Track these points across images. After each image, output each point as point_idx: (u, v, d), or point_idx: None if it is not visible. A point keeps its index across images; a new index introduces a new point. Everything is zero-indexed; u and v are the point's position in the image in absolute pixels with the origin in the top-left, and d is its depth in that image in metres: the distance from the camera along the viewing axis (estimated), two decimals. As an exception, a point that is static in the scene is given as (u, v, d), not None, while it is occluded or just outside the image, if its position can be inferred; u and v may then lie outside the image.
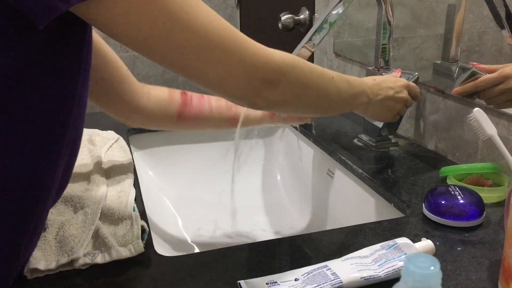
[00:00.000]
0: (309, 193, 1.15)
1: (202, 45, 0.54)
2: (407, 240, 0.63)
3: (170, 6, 0.50)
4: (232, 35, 0.56)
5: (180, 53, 0.53)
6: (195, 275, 0.65)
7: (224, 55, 0.56)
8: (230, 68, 0.57)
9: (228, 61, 0.56)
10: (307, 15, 1.54)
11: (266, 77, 0.60)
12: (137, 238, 0.70)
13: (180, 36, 0.52)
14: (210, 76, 0.57)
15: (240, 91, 0.60)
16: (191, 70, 0.56)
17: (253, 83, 0.59)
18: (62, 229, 0.70)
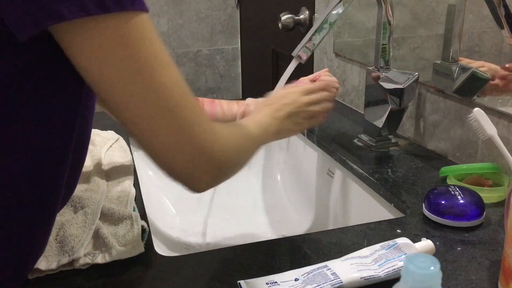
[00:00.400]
0: (309, 193, 1.15)
1: (158, 107, 0.50)
2: (407, 240, 0.63)
3: (140, 58, 0.49)
4: (191, 108, 0.53)
5: (134, 108, 0.50)
6: (195, 275, 0.65)
7: (177, 126, 0.52)
8: (178, 144, 0.53)
9: (179, 135, 0.52)
10: (307, 15, 1.54)
11: (210, 168, 0.56)
12: (137, 238, 0.70)
13: (139, 91, 0.49)
14: (156, 145, 0.53)
15: (183, 170, 0.55)
16: (139, 131, 0.52)
17: (195, 168, 0.55)
18: (63, 229, 0.70)
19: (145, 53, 0.49)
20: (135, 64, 0.49)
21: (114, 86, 0.49)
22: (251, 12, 2.09)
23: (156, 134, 0.52)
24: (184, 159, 0.54)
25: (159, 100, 0.51)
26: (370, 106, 1.06)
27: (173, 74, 0.52)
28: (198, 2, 2.13)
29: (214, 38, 2.20)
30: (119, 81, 0.49)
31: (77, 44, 0.47)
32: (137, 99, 0.50)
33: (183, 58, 2.17)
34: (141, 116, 0.51)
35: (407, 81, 0.98)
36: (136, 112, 0.51)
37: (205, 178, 0.57)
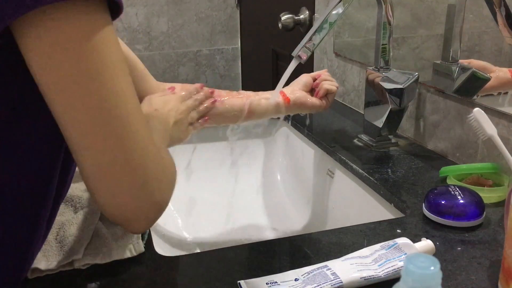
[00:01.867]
0: (309, 193, 1.15)
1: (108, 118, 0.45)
2: (407, 240, 0.63)
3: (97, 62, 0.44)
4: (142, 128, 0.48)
5: (81, 117, 0.45)
6: (195, 275, 0.65)
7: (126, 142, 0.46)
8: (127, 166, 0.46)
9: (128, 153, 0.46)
10: (307, 15, 1.54)
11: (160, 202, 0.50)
12: (137, 238, 0.70)
13: (89, 103, 0.44)
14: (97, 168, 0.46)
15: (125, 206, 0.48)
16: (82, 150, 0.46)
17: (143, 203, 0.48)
18: (63, 229, 0.70)
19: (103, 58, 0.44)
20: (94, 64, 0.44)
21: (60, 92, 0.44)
22: (251, 12, 2.09)
23: (101, 151, 0.46)
24: (128, 187, 0.47)
25: (111, 110, 0.45)
26: (370, 106, 1.06)
27: (130, 86, 0.47)
28: (198, 2, 2.13)
29: (214, 38, 2.20)
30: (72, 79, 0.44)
31: (30, 39, 0.43)
32: (86, 104, 0.45)
33: (183, 58, 2.17)
34: (88, 126, 0.45)
35: (407, 81, 0.98)
36: (83, 120, 0.45)
37: (150, 214, 0.51)
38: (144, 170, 0.47)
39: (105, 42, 0.45)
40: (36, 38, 0.43)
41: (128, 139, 0.46)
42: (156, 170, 0.49)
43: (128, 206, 0.48)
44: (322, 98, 0.97)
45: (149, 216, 0.50)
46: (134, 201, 0.48)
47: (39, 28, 0.42)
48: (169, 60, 2.15)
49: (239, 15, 2.19)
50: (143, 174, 0.47)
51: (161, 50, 2.13)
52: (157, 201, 0.50)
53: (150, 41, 2.10)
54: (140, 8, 2.05)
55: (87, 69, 0.44)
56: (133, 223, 0.50)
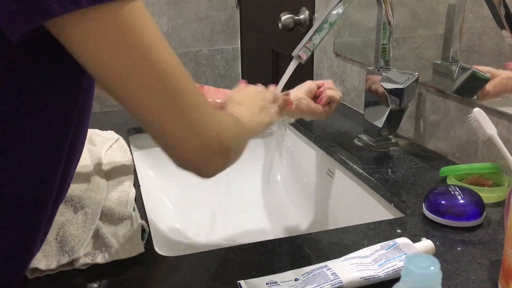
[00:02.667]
0: (309, 193, 1.15)
1: (167, 91, 0.51)
2: (407, 240, 0.63)
3: (145, 44, 0.48)
4: (195, 91, 0.54)
5: (143, 94, 0.50)
6: (195, 275, 0.65)
7: (186, 109, 0.53)
8: (189, 127, 0.53)
9: (189, 117, 0.53)
10: (307, 15, 1.54)
11: (221, 148, 0.57)
12: (137, 238, 0.70)
13: (147, 76, 0.49)
14: (166, 131, 0.53)
15: (193, 154, 0.55)
16: (149, 118, 0.52)
17: (207, 150, 0.55)
18: (63, 229, 0.70)
19: (147, 38, 0.49)
20: (140, 50, 0.48)
21: (120, 76, 0.49)
22: (251, 12, 2.09)
23: (165, 119, 0.52)
24: (195, 142, 0.54)
25: (167, 85, 0.51)
26: (370, 106, 1.06)
27: (175, 58, 0.52)
28: (198, 2, 2.13)
29: (214, 38, 2.20)
30: (125, 70, 0.48)
31: (75, 38, 0.47)
32: (145, 86, 0.50)
33: (183, 58, 2.17)
34: (150, 103, 0.51)
35: (407, 81, 0.98)
36: (146, 100, 0.50)
37: (216, 161, 0.57)
38: (202, 129, 0.54)
39: (146, 26, 0.49)
40: (84, 34, 0.46)
41: (184, 107, 0.52)
42: (213, 126, 0.56)
43: (195, 158, 0.55)
44: (325, 105, 0.97)
45: (216, 163, 0.57)
46: (198, 153, 0.55)
47: (85, 26, 0.46)
48: (169, 60, 2.15)
49: (239, 15, 2.19)
50: (202, 133, 0.54)
51: (161, 50, 2.13)
52: (218, 150, 0.56)
53: (150, 41, 2.10)
54: (140, 8, 2.05)
55: (138, 55, 0.48)
56: (202, 170, 0.57)
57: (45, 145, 0.53)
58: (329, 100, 0.97)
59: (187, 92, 0.52)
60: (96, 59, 0.48)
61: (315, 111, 0.97)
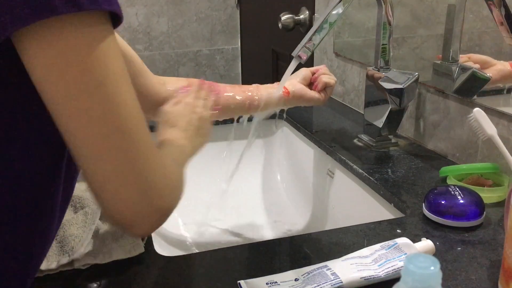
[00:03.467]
0: (309, 193, 1.15)
1: (114, 126, 0.45)
2: (407, 240, 0.63)
3: (102, 71, 0.44)
4: (147, 138, 0.48)
5: (86, 124, 0.45)
6: (195, 275, 0.65)
7: (132, 152, 0.47)
8: (129, 174, 0.47)
9: (131, 161, 0.47)
10: (307, 15, 1.54)
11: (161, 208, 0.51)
12: (137, 238, 0.70)
13: (95, 104, 0.44)
14: (104, 169, 0.46)
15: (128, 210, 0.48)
16: (88, 152, 0.46)
17: (147, 207, 0.49)
18: (63, 229, 0.70)
19: (106, 67, 0.44)
20: (94, 76, 0.44)
21: (65, 99, 0.44)
22: (251, 12, 2.09)
23: (105, 158, 0.46)
24: (131, 193, 0.47)
25: (115, 121, 0.46)
26: (370, 106, 1.06)
27: (132, 97, 0.47)
28: (198, 2, 2.13)
29: (214, 38, 2.20)
30: (72, 93, 0.44)
31: (29, 51, 0.43)
32: (90, 116, 0.45)
33: (183, 58, 2.17)
34: (93, 136, 0.45)
35: (407, 81, 0.98)
36: (88, 131, 0.45)
37: (151, 221, 0.51)
38: (145, 179, 0.48)
39: (107, 53, 0.45)
40: (38, 50, 0.43)
41: (130, 150, 0.47)
42: (158, 179, 0.50)
43: (129, 212, 0.48)
44: (320, 91, 0.98)
45: (151, 222, 0.51)
46: (135, 207, 0.48)
47: (41, 40, 0.42)
48: (169, 60, 2.15)
49: (239, 15, 2.19)
50: (144, 182, 0.48)
51: (161, 50, 2.13)
52: (158, 208, 0.50)
53: (150, 41, 2.10)
54: (140, 8, 2.05)
55: (90, 81, 0.44)
56: (134, 228, 0.50)
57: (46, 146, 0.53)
58: (325, 86, 0.98)
59: (136, 133, 0.47)
60: (46, 76, 0.44)
61: (312, 99, 0.98)
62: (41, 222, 0.56)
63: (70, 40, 0.43)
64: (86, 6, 0.42)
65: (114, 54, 0.45)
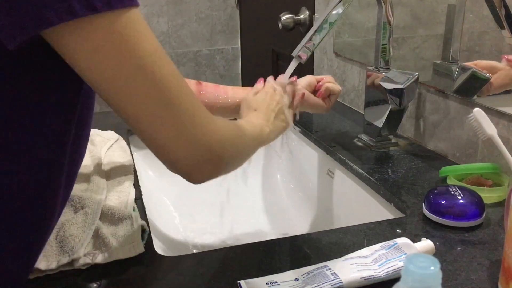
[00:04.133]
0: (309, 193, 1.15)
1: (160, 100, 0.51)
2: (407, 240, 0.63)
3: (138, 53, 0.49)
4: (189, 99, 0.54)
5: (136, 102, 0.51)
6: (195, 275, 0.65)
7: (178, 117, 0.53)
8: (180, 135, 0.54)
9: (181, 125, 0.53)
10: (307, 15, 1.54)
11: (211, 157, 0.57)
12: (137, 238, 0.70)
13: (141, 85, 0.50)
14: (159, 138, 0.54)
15: (183, 161, 0.56)
16: (142, 126, 0.53)
17: (197, 158, 0.56)
18: (63, 229, 0.70)
19: (142, 48, 0.49)
20: (134, 60, 0.49)
21: (114, 85, 0.49)
22: (251, 12, 2.09)
23: (158, 127, 0.52)
24: (185, 150, 0.54)
25: (160, 94, 0.51)
26: (370, 106, 1.06)
27: (170, 66, 0.52)
28: (198, 2, 2.13)
29: (214, 38, 2.20)
30: (120, 78, 0.49)
31: (71, 46, 0.47)
32: (139, 95, 0.50)
33: (183, 58, 2.17)
34: (143, 111, 0.51)
35: (407, 81, 0.98)
36: (139, 107, 0.51)
37: (205, 169, 0.57)
38: (194, 138, 0.55)
39: (140, 36, 0.49)
40: (78, 43, 0.47)
41: (177, 116, 0.53)
42: (205, 136, 0.56)
43: (185, 164, 0.56)
44: (324, 98, 0.98)
45: (206, 171, 0.58)
46: (188, 160, 0.55)
47: (79, 35, 0.46)
48: (169, 60, 2.15)
49: (239, 15, 2.19)
50: (193, 142, 0.55)
51: (161, 50, 2.13)
52: (208, 159, 0.57)
53: (150, 41, 2.10)
54: (140, 8, 2.04)
55: (130, 65, 0.49)
56: (193, 176, 0.58)
57: (47, 146, 0.53)
58: (328, 93, 0.98)
59: (180, 101, 0.53)
60: (90, 68, 0.48)
61: (315, 104, 0.97)
62: (42, 218, 0.56)
63: (106, 31, 0.47)
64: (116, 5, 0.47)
65: (146, 33, 0.50)
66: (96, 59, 0.48)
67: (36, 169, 0.53)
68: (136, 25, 0.49)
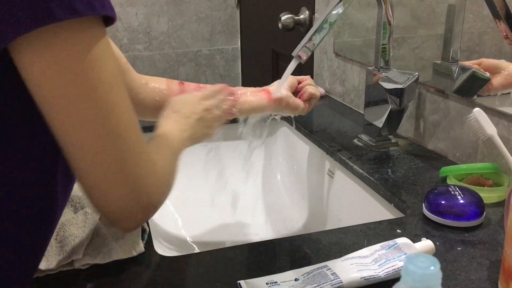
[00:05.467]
0: (309, 193, 1.15)
1: (107, 129, 0.47)
2: (407, 240, 0.63)
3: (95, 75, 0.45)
4: (137, 136, 0.50)
5: (82, 127, 0.46)
6: (195, 275, 0.65)
7: (122, 151, 0.49)
8: (119, 171, 0.49)
9: (122, 161, 0.49)
10: (307, 15, 1.54)
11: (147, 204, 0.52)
12: (137, 238, 0.70)
13: (90, 108, 0.46)
14: (94, 175, 0.49)
15: (116, 203, 0.50)
16: (83, 154, 0.48)
17: (132, 202, 0.51)
18: (63, 229, 0.70)
19: (102, 71, 0.46)
20: (91, 80, 0.45)
21: (63, 103, 0.46)
22: (251, 12, 2.09)
23: (96, 160, 0.48)
24: (120, 192, 0.50)
25: (109, 122, 0.47)
26: (370, 106, 1.06)
27: (125, 97, 0.49)
28: (198, 2, 2.13)
29: (214, 38, 2.20)
30: (70, 97, 0.45)
31: (28, 58, 0.44)
32: (86, 118, 0.46)
33: (183, 58, 2.17)
34: (87, 138, 0.47)
35: (407, 81, 0.98)
36: (83, 132, 0.47)
37: (137, 217, 0.53)
38: (134, 179, 0.50)
39: (100, 57, 0.46)
40: (34, 56, 0.44)
41: (121, 151, 0.49)
42: (147, 179, 0.52)
43: (117, 209, 0.51)
44: (305, 101, 0.98)
45: (137, 219, 0.53)
46: (123, 205, 0.51)
47: (37, 47, 0.43)
48: (169, 60, 2.15)
49: (239, 15, 2.19)
50: (132, 183, 0.50)
51: (161, 50, 2.13)
52: (145, 206, 0.52)
53: (150, 41, 2.10)
54: (140, 8, 2.05)
55: (83, 86, 0.45)
56: (121, 222, 0.53)
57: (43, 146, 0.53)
58: (310, 97, 0.98)
59: (127, 135, 0.49)
60: (42, 83, 0.45)
61: (297, 107, 0.97)
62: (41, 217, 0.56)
63: (64, 46, 0.44)
64: (84, 12, 0.43)
65: (107, 57, 0.46)
66: (50, 74, 0.44)
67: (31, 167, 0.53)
68: (102, 43, 0.46)
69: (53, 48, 0.43)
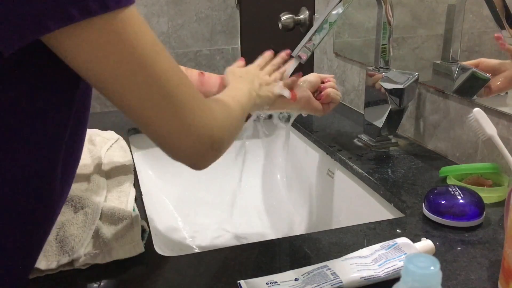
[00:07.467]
0: (309, 193, 1.15)
1: (161, 94, 0.53)
2: (407, 240, 0.63)
3: (138, 50, 0.50)
4: (189, 91, 0.56)
5: (138, 98, 0.52)
6: (195, 275, 0.65)
7: (180, 109, 0.55)
8: (182, 126, 0.56)
9: (182, 117, 0.55)
10: (307, 15, 1.54)
11: (213, 144, 0.59)
12: (137, 238, 0.70)
13: (141, 82, 0.51)
14: (162, 131, 0.55)
15: (187, 151, 0.58)
16: (145, 120, 0.54)
17: (201, 147, 0.58)
18: (63, 229, 0.70)
19: (142, 45, 0.50)
20: (133, 57, 0.50)
21: (116, 83, 0.50)
22: (251, 12, 2.09)
23: (161, 121, 0.54)
24: (189, 140, 0.56)
25: (161, 88, 0.52)
26: (370, 106, 1.06)
27: (169, 60, 0.53)
28: (198, 2, 2.12)
29: (214, 38, 2.20)
30: (120, 77, 0.50)
31: (71, 50, 0.48)
32: (140, 91, 0.51)
33: (183, 58, 2.17)
34: (145, 106, 0.52)
35: (407, 81, 0.98)
36: (141, 103, 0.52)
37: (209, 156, 0.60)
38: (195, 130, 0.56)
39: (138, 31, 0.50)
40: (82, 44, 0.48)
41: (178, 108, 0.54)
42: (207, 125, 0.58)
43: (190, 155, 0.58)
44: (323, 104, 0.97)
45: (209, 158, 0.60)
46: (193, 151, 0.58)
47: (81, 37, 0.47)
48: (169, 60, 2.15)
49: (239, 15, 2.19)
50: (195, 133, 0.56)
51: (161, 50, 2.13)
52: (212, 147, 0.59)
53: (150, 41, 2.10)
54: (140, 8, 2.05)
55: (131, 61, 0.50)
56: (197, 165, 0.60)
57: (42, 146, 0.53)
58: (330, 100, 0.97)
59: (179, 93, 0.54)
60: (91, 69, 0.49)
61: (314, 108, 0.96)
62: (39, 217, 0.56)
63: (99, 35, 0.48)
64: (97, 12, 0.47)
65: (144, 28, 0.51)
66: (96, 60, 0.49)
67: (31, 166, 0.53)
68: (133, 23, 0.49)
69: (95, 37, 0.47)
